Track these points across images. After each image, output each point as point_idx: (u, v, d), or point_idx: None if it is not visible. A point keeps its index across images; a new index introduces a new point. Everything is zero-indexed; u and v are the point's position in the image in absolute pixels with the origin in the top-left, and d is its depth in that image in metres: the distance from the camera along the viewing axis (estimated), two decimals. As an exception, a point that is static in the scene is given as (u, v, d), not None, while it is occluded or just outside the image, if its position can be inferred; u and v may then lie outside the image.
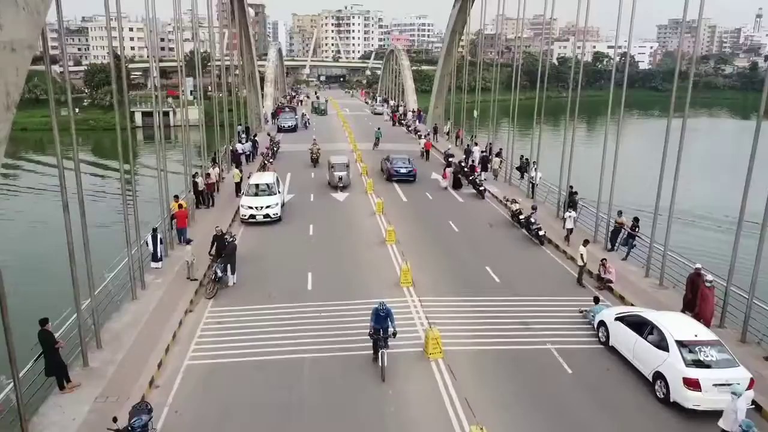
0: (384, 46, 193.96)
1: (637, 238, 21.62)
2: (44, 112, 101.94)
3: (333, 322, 16.94)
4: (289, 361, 14.86)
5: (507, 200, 28.86)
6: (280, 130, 56.89)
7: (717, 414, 12.21)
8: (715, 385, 12.48)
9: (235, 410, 12.85)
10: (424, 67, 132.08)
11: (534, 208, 25.90)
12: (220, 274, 18.91)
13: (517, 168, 34.73)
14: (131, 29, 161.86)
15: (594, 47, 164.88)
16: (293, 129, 58.43)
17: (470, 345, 15.68)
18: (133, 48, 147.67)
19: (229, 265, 19.33)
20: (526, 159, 33.65)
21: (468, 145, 41.35)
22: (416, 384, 13.86)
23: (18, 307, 12.36)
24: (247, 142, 41.72)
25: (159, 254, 20.43)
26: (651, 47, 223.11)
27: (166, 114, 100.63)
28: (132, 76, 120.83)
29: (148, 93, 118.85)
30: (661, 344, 13.54)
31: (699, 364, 12.82)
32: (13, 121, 9.56)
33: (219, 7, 44.85)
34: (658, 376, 13.38)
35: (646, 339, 14.09)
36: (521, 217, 26.02)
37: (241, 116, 46.41)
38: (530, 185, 31.63)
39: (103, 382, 13.63)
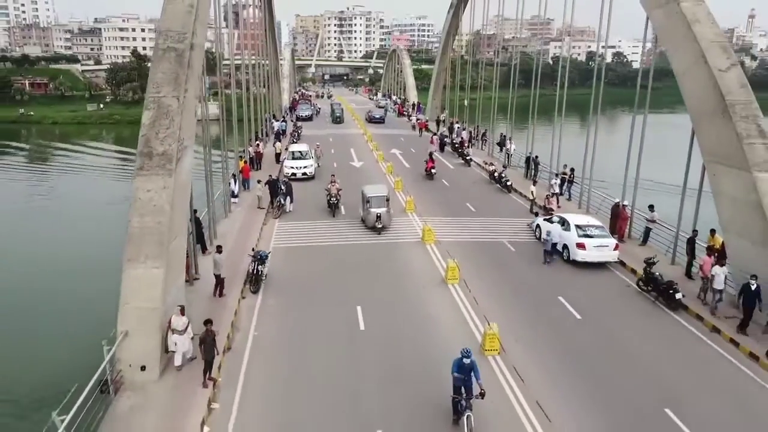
0: (385, 45, 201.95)
1: (573, 182, 30.27)
2: (70, 107, 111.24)
3: (358, 228, 25.60)
4: (332, 245, 23.53)
5: (486, 163, 37.52)
6: (298, 119, 65.55)
7: (596, 264, 20.96)
8: (595, 246, 21.13)
9: (303, 266, 21.50)
10: (424, 66, 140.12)
11: (504, 167, 34.67)
12: (283, 202, 27.63)
13: (497, 143, 43.39)
14: (143, 30, 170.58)
15: (589, 47, 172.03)
16: (310, 118, 67.41)
17: (453, 238, 24.32)
18: (144, 48, 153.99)
19: (288, 197, 28.01)
20: (504, 135, 42.35)
21: (452, 123, 50.73)
22: (417, 255, 22.48)
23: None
24: (283, 121, 51.23)
25: (236, 192, 29.11)
26: (645, 46, 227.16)
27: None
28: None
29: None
30: (567, 228, 22.16)
31: (586, 236, 21.43)
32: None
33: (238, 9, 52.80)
34: (565, 246, 22.00)
35: (560, 227, 22.70)
36: (495, 174, 34.62)
37: (262, 109, 54.98)
38: (506, 155, 40.28)
39: (224, 253, 22.17)
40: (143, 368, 13.61)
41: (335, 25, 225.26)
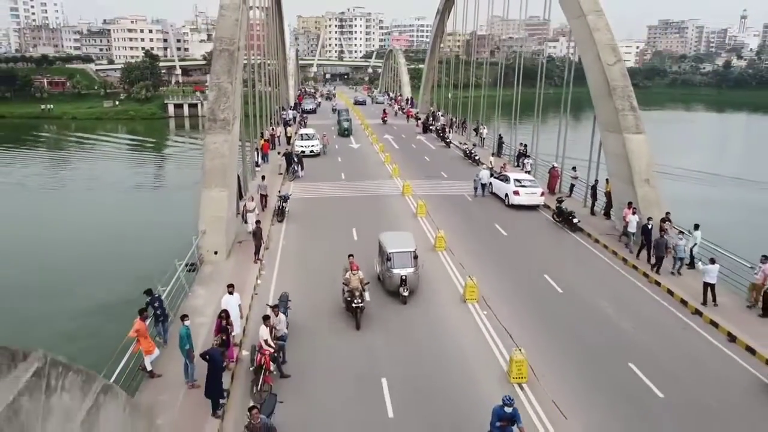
0: (384, 46, 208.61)
1: (527, 155, 38.18)
2: (88, 104, 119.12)
3: (357, 187, 33.49)
4: (334, 197, 31.39)
5: (462, 144, 45.46)
6: (304, 111, 73.87)
7: (528, 207, 28.84)
8: (526, 193, 29.04)
9: (314, 210, 29.32)
10: (421, 66, 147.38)
11: (474, 146, 42.65)
12: (297, 168, 35.58)
13: (474, 129, 51.38)
14: (150, 31, 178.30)
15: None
16: (313, 111, 76.01)
17: (426, 192, 32.20)
18: (152, 48, 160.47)
19: (300, 165, 35.99)
20: (479, 122, 50.39)
21: (434, 112, 59.12)
22: (397, 203, 30.33)
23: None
24: (294, 110, 59.43)
25: (258, 162, 37.05)
26: (638, 47, 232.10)
27: (195, 105, 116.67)
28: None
29: (173, 88, 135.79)
30: (508, 181, 30.04)
31: (521, 186, 29.33)
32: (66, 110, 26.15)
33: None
34: (506, 195, 29.88)
35: (504, 182, 30.56)
36: (468, 152, 42.52)
37: (274, 102, 63.20)
38: (480, 138, 48.29)
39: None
40: (216, 252, 21.47)
41: (336, 26, 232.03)
